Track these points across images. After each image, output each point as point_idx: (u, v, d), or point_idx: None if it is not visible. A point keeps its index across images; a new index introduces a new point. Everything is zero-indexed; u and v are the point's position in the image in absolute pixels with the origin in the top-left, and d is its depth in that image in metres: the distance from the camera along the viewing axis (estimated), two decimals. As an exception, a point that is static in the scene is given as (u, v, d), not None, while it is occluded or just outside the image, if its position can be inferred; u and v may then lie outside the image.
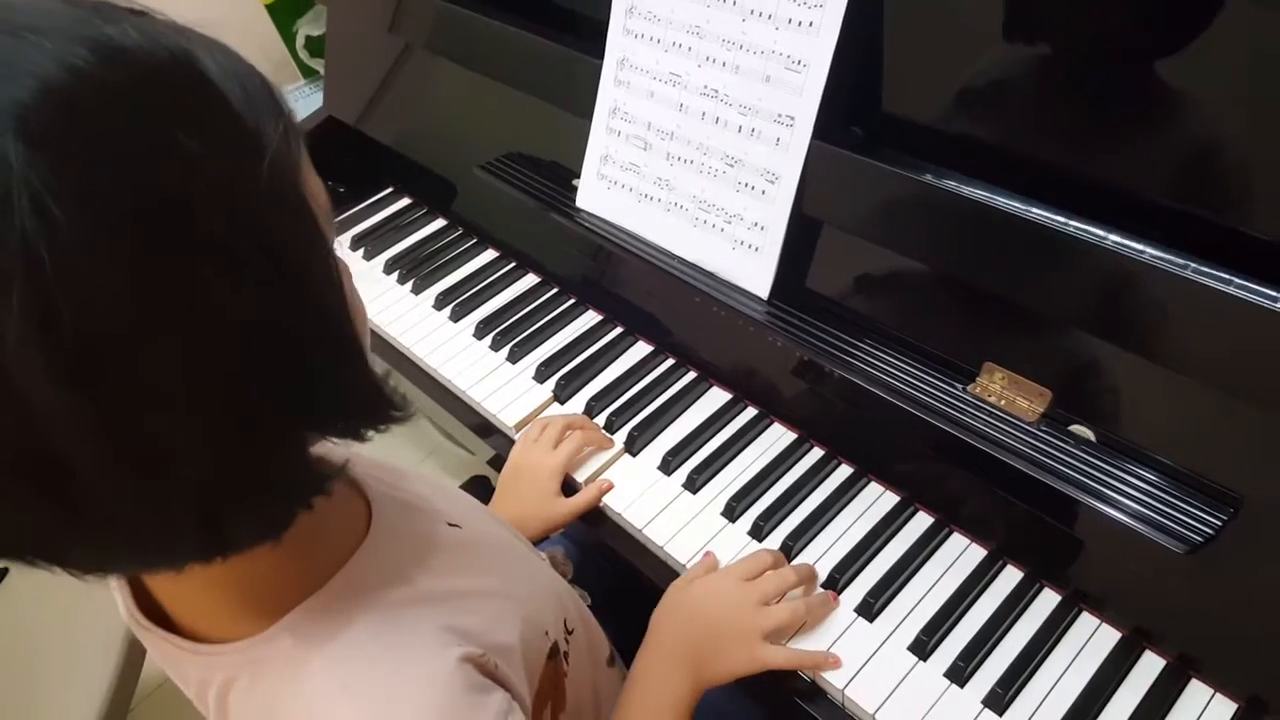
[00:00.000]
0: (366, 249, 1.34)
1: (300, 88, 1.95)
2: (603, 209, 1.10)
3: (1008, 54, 0.80)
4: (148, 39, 0.41)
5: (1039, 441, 0.79)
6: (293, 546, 0.50)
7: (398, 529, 0.62)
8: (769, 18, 0.88)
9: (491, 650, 0.59)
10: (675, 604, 0.85)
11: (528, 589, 0.72)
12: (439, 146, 1.39)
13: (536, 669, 0.68)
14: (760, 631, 0.80)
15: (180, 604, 0.56)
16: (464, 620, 0.60)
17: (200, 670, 0.56)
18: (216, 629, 0.55)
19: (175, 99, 0.41)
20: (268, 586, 0.54)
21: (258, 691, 0.54)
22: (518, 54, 1.16)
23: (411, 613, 0.58)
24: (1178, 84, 0.72)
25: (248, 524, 0.47)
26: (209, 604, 0.55)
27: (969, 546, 0.88)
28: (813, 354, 0.91)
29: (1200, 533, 0.72)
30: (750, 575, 0.83)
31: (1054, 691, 0.77)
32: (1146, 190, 0.76)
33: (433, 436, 2.11)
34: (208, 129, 0.41)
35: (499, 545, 0.77)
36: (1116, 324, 0.76)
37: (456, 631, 0.58)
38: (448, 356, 1.16)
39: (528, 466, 1.00)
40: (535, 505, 0.98)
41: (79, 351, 0.36)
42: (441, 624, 0.58)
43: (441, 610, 0.59)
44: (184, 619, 0.56)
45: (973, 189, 0.81)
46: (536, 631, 0.68)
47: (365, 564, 0.57)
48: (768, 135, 0.92)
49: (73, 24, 0.39)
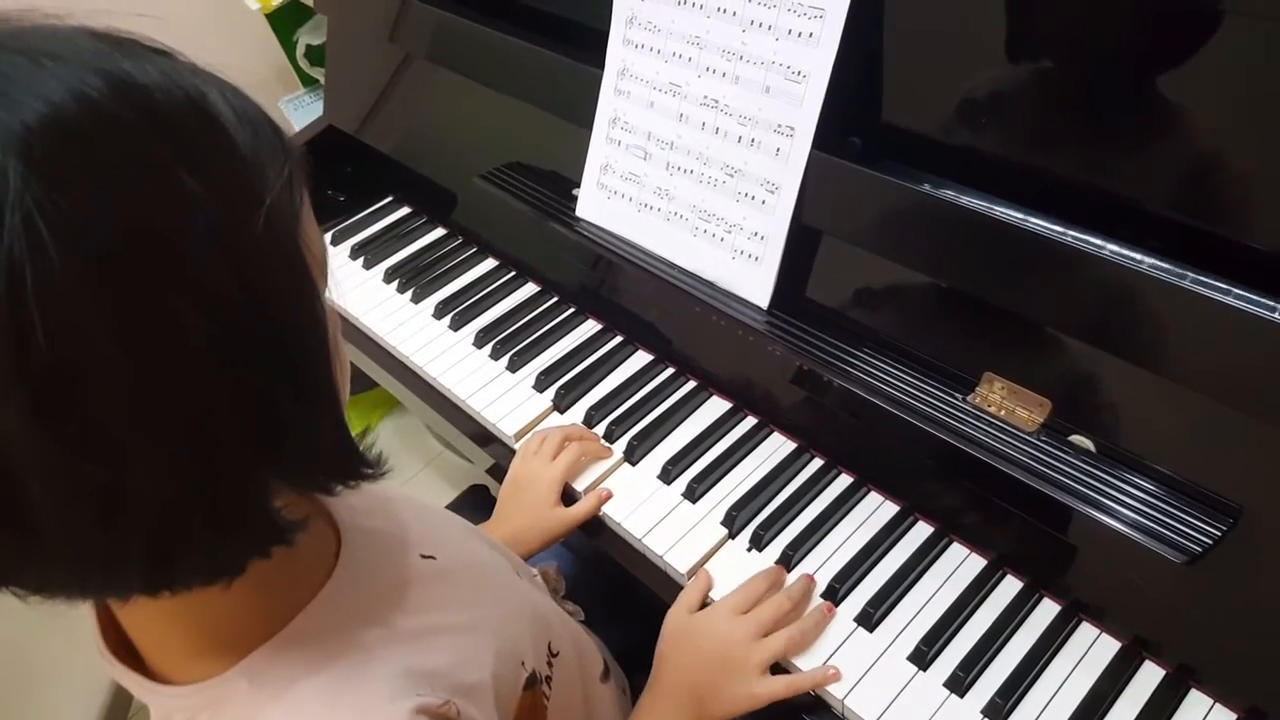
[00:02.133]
0: (366, 258, 1.34)
1: (300, 96, 1.95)
2: (602, 218, 1.10)
3: (1007, 65, 0.80)
4: (164, 78, 0.41)
5: (1038, 451, 0.79)
6: (256, 582, 0.49)
7: (366, 565, 0.60)
8: (769, 29, 0.89)
9: (456, 692, 0.58)
10: (675, 639, 0.85)
11: (505, 621, 0.71)
12: (439, 156, 1.39)
13: (511, 702, 0.67)
14: (758, 667, 0.80)
15: (144, 638, 0.55)
16: (429, 660, 0.59)
17: (161, 709, 0.56)
18: (177, 668, 0.54)
19: (182, 138, 0.41)
20: (227, 625, 0.53)
21: None
22: (517, 64, 1.17)
23: (371, 658, 0.57)
24: (1177, 96, 0.72)
25: (197, 565, 0.46)
26: (170, 640, 0.54)
27: (969, 556, 0.88)
28: (812, 363, 0.92)
29: (1200, 543, 0.72)
30: (744, 606, 0.83)
31: (1053, 701, 0.77)
32: (1145, 201, 0.76)
33: (432, 445, 2.11)
34: (210, 171, 0.41)
35: (476, 575, 0.75)
36: (1115, 334, 0.76)
37: (419, 674, 0.57)
38: (447, 365, 1.16)
39: (527, 478, 1.00)
40: (535, 517, 0.98)
41: (48, 376, 0.36)
42: (403, 667, 0.57)
43: (406, 651, 0.58)
44: (148, 654, 0.55)
45: (972, 199, 0.81)
46: (512, 665, 0.68)
47: (328, 605, 0.56)
48: (768, 145, 0.92)
49: (93, 56, 0.40)
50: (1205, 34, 0.68)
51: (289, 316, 0.45)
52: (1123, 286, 0.73)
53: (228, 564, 0.48)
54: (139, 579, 0.45)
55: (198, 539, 0.44)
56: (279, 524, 0.49)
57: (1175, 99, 0.72)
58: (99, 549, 0.42)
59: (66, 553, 0.42)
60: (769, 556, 0.90)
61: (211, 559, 0.47)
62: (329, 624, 0.56)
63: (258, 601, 0.53)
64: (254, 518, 0.47)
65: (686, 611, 0.86)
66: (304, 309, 0.46)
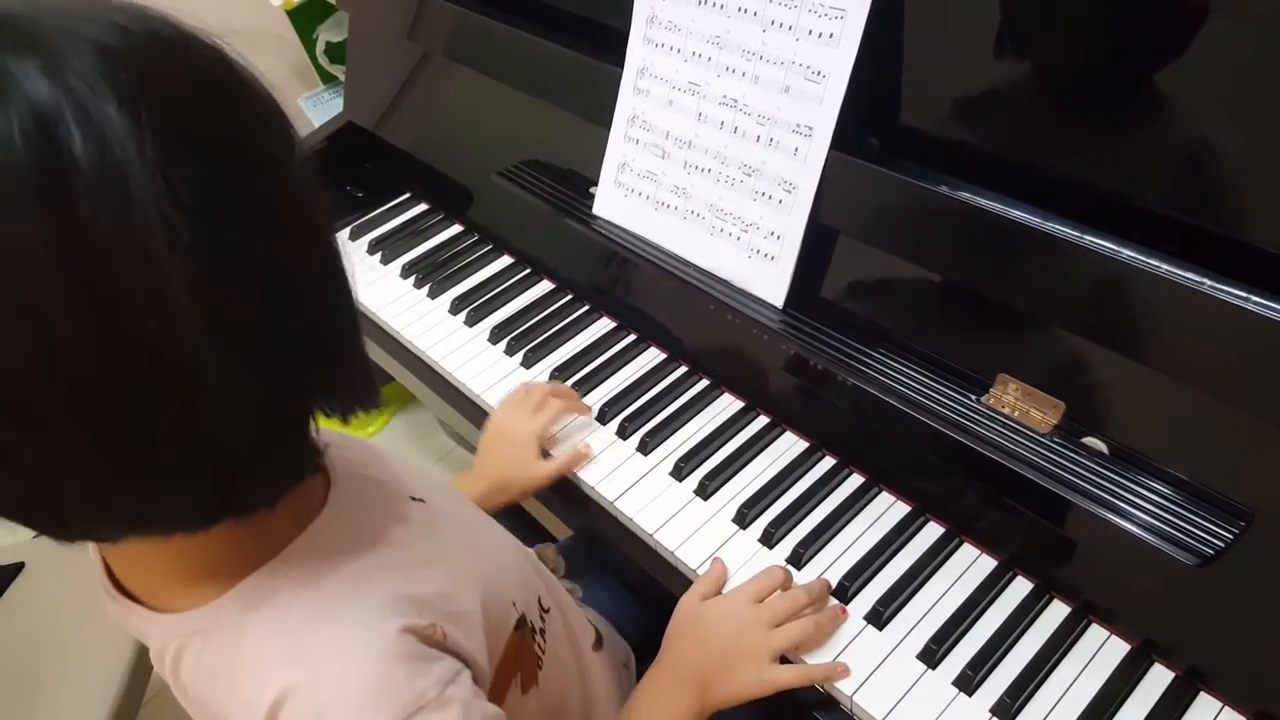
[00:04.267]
0: (384, 253, 1.35)
1: (319, 93, 1.96)
2: (619, 216, 1.11)
3: (1026, 67, 0.81)
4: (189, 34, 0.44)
5: (1052, 453, 0.80)
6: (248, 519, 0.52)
7: (356, 502, 0.63)
8: (789, 29, 0.89)
9: (444, 618, 0.60)
10: (686, 623, 0.86)
11: (493, 560, 0.73)
12: (457, 153, 1.40)
13: (501, 637, 0.68)
14: (770, 654, 0.80)
15: (140, 578, 0.58)
16: (417, 588, 0.60)
17: (158, 637, 0.58)
18: (171, 599, 0.56)
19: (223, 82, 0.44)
20: (221, 557, 0.55)
21: (206, 659, 0.56)
22: (536, 61, 1.18)
23: (361, 582, 0.58)
24: (1198, 99, 0.72)
25: (253, 490, 0.50)
26: (165, 576, 0.56)
27: (979, 557, 0.88)
28: (827, 363, 0.92)
29: (1212, 545, 0.72)
30: (761, 595, 0.84)
31: (1062, 702, 0.77)
32: (1164, 205, 0.76)
33: (444, 441, 2.12)
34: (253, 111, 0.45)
35: (464, 518, 0.77)
36: (1131, 337, 0.76)
37: (407, 599, 0.59)
38: (462, 361, 1.17)
39: (509, 429, 1.02)
40: (515, 467, 1.00)
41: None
42: (391, 593, 0.58)
43: (394, 578, 0.60)
44: (143, 591, 0.58)
45: (988, 201, 0.81)
46: (501, 600, 0.69)
47: (319, 537, 0.58)
48: (786, 145, 0.93)
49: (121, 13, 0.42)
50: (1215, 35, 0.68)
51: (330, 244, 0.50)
52: (1138, 289, 0.74)
53: (277, 488, 0.52)
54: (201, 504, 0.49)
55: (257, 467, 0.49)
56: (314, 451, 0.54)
57: (1197, 101, 0.73)
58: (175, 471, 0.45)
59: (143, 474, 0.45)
60: (780, 554, 0.91)
61: (266, 485, 0.51)
62: (320, 553, 0.58)
63: (248, 535, 0.55)
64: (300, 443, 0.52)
65: (699, 599, 0.86)
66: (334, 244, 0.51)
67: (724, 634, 0.82)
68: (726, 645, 0.82)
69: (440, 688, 0.56)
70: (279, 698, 0.53)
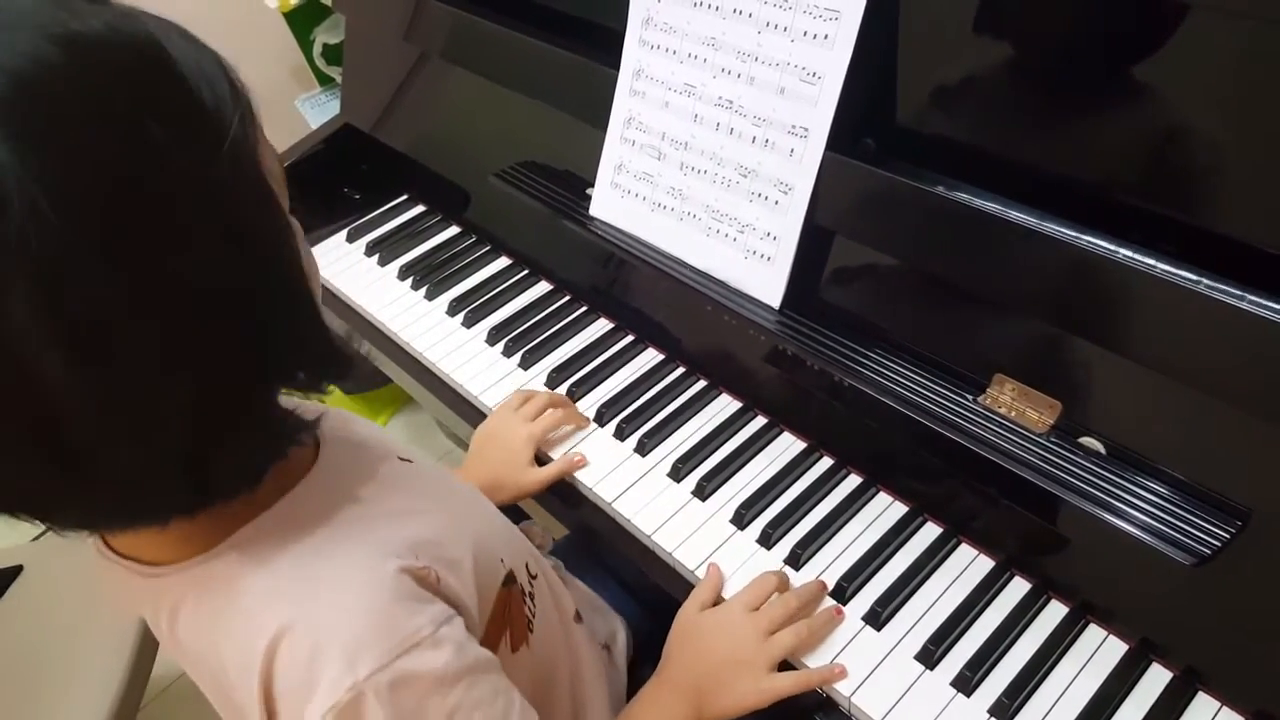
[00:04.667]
0: (381, 255, 1.35)
1: (316, 95, 1.96)
2: (616, 217, 1.11)
3: (1022, 68, 0.81)
4: (111, 30, 0.43)
5: (1048, 453, 0.80)
6: None
7: (348, 459, 0.64)
8: (784, 30, 0.89)
9: (437, 563, 0.61)
10: (684, 636, 0.86)
11: (480, 518, 0.75)
12: (454, 154, 1.40)
13: (490, 590, 0.69)
14: (767, 663, 0.81)
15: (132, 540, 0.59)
16: (411, 533, 0.62)
17: (153, 595, 0.59)
18: (166, 556, 0.57)
19: (143, 90, 0.43)
20: (217, 514, 0.56)
21: (202, 613, 0.57)
22: (533, 63, 1.18)
23: (357, 526, 0.60)
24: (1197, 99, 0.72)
25: (228, 474, 0.51)
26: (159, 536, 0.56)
27: (977, 557, 0.88)
28: (823, 363, 0.92)
29: (1209, 545, 0.72)
30: (755, 603, 0.84)
31: (1060, 702, 0.77)
32: (1161, 205, 0.76)
33: (442, 442, 2.12)
34: (174, 117, 0.44)
35: (450, 481, 0.79)
36: (1127, 337, 0.76)
37: (402, 542, 0.60)
38: (460, 362, 1.17)
39: (504, 432, 1.03)
40: (508, 469, 1.01)
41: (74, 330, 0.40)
42: (385, 536, 0.60)
43: (387, 525, 0.61)
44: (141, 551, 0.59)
45: (984, 201, 0.81)
46: (489, 555, 0.70)
47: (313, 486, 0.60)
48: (781, 146, 0.93)
49: (38, 17, 0.41)
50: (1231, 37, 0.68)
51: (261, 239, 0.49)
52: (1135, 290, 0.74)
53: (254, 467, 0.53)
54: (177, 499, 0.50)
55: (226, 447, 0.49)
56: (290, 425, 0.55)
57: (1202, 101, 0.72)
58: (139, 477, 0.46)
59: (114, 482, 0.46)
60: (778, 554, 0.91)
61: (240, 466, 0.52)
62: (314, 503, 0.59)
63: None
64: (266, 422, 0.53)
65: (698, 608, 0.86)
66: (273, 229, 0.51)
67: (720, 646, 0.83)
68: (723, 658, 0.82)
69: (434, 627, 0.57)
70: (276, 634, 0.54)
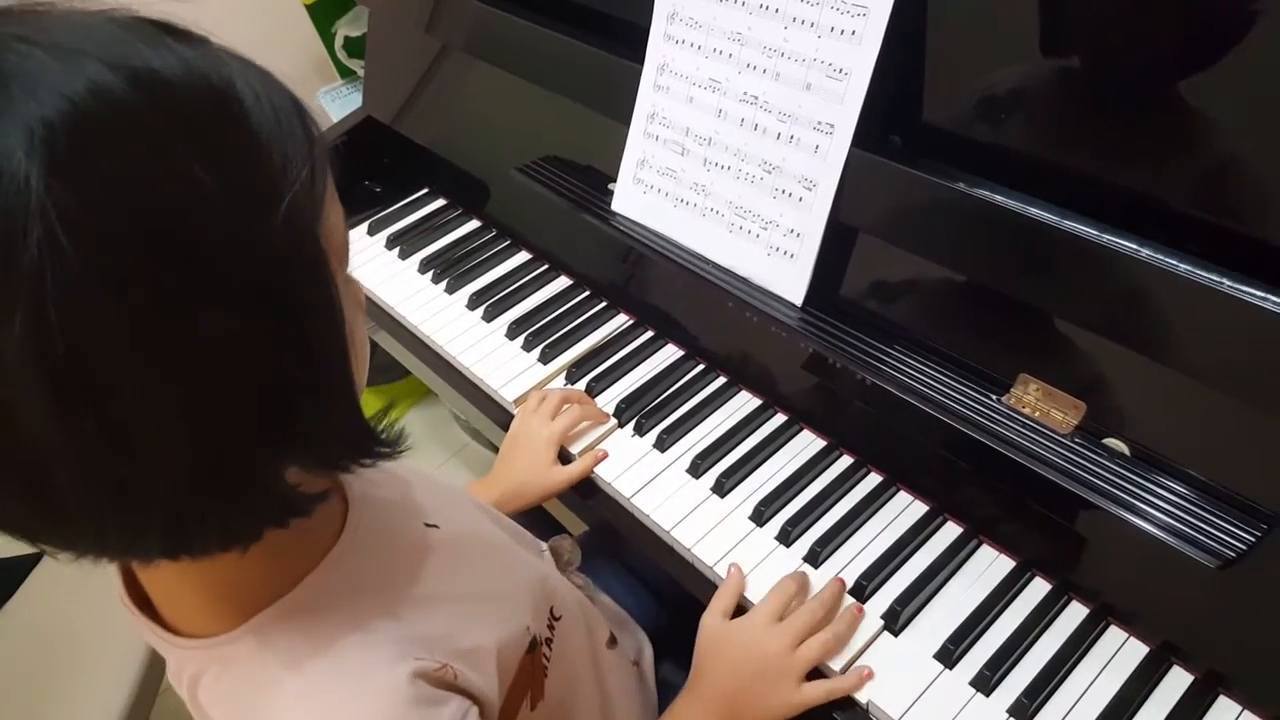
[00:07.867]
0: (402, 248, 1.35)
1: (338, 88, 1.97)
2: (638, 213, 1.11)
3: (1049, 66, 0.80)
4: (187, 69, 0.41)
5: (1072, 453, 0.79)
6: (267, 546, 0.51)
7: (371, 532, 0.62)
8: (811, 26, 0.89)
9: (455, 657, 0.60)
10: (712, 648, 0.85)
11: (506, 585, 0.74)
12: (475, 148, 1.40)
13: (513, 665, 0.69)
14: (797, 676, 0.81)
15: (160, 594, 0.58)
16: (429, 627, 0.61)
17: (174, 660, 0.59)
18: (190, 623, 0.57)
19: (203, 135, 0.41)
20: (238, 586, 0.55)
21: (223, 685, 0.57)
22: (555, 57, 1.18)
23: (372, 624, 0.58)
24: (1227, 98, 0.72)
25: (211, 536, 0.48)
26: (183, 598, 0.57)
27: (998, 557, 0.88)
28: (845, 361, 0.92)
29: (1233, 548, 0.71)
30: (779, 612, 0.84)
31: (1079, 704, 0.77)
32: (1186, 203, 0.76)
33: (459, 435, 2.13)
34: (230, 168, 0.41)
35: (479, 546, 0.77)
36: (1152, 338, 0.76)
37: (418, 640, 0.59)
38: (480, 356, 1.18)
39: (525, 435, 1.03)
40: (532, 473, 1.01)
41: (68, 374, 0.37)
42: (403, 634, 0.59)
43: (406, 618, 0.60)
44: (163, 609, 0.58)
45: (1009, 199, 0.81)
46: (516, 628, 0.70)
47: (333, 570, 0.58)
48: (807, 142, 0.93)
49: (115, 47, 0.39)
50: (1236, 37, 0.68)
51: (303, 310, 0.45)
52: (1159, 290, 0.73)
53: (242, 534, 0.49)
54: (158, 547, 0.47)
55: (211, 514, 0.46)
56: (294, 499, 0.50)
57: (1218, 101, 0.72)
58: (119, 523, 0.44)
59: (89, 525, 0.44)
60: (797, 552, 0.91)
61: (225, 530, 0.48)
62: (333, 590, 0.58)
63: (268, 564, 0.55)
64: (266, 494, 0.48)
65: (721, 617, 0.86)
66: (319, 301, 0.46)
67: (749, 662, 0.82)
68: (754, 672, 0.82)
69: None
70: None
